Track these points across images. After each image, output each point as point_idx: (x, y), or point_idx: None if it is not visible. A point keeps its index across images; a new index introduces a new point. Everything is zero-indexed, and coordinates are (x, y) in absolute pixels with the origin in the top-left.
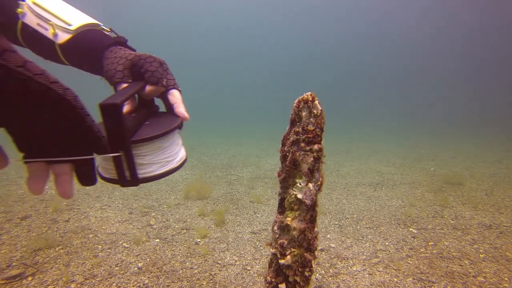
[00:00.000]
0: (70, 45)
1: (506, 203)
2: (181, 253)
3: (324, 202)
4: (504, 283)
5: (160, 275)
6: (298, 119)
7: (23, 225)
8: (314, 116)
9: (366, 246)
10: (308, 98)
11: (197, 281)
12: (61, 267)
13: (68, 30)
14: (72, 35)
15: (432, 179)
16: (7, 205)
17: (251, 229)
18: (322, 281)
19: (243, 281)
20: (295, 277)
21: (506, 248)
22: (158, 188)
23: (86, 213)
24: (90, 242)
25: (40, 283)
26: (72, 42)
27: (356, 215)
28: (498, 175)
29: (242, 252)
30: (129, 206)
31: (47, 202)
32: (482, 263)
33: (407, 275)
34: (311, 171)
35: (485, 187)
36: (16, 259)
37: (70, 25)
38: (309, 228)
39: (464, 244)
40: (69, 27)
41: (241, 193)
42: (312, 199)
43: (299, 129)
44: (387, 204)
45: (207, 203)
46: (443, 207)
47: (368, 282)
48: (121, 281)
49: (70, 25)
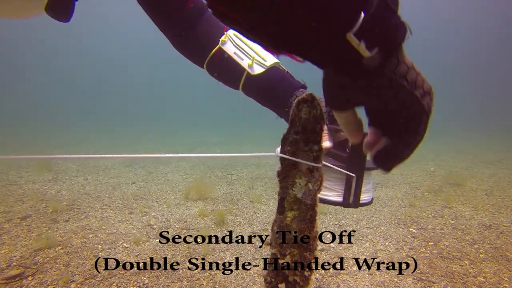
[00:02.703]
0: (259, 78)
1: (506, 203)
2: (181, 253)
3: None
4: (504, 283)
5: (160, 275)
6: (297, 119)
7: (23, 225)
8: (313, 116)
9: (366, 246)
10: (308, 98)
11: (197, 281)
12: (61, 267)
13: (263, 65)
14: (265, 70)
15: (432, 179)
16: (7, 205)
17: (251, 229)
18: (322, 281)
19: (243, 281)
20: (295, 277)
21: (506, 248)
22: (158, 188)
23: (86, 213)
24: (90, 242)
25: (40, 283)
26: (263, 76)
27: (356, 215)
28: (498, 175)
29: (242, 252)
30: (129, 206)
31: (47, 202)
32: (482, 263)
33: (407, 275)
34: (311, 171)
35: (485, 187)
36: (16, 259)
37: (265, 61)
38: (309, 228)
39: (464, 244)
40: (265, 63)
41: (241, 193)
42: (312, 199)
43: (299, 129)
44: (387, 204)
45: (207, 203)
46: (443, 207)
47: (368, 282)
48: (121, 281)
49: (265, 61)
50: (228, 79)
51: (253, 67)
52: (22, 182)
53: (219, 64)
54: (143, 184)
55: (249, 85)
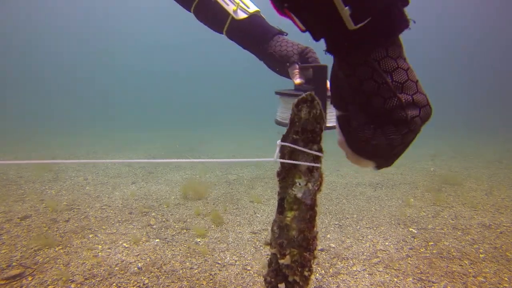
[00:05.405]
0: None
1: (506, 203)
2: (181, 253)
3: (324, 202)
4: (504, 283)
5: (160, 275)
6: (297, 119)
7: (23, 225)
8: (313, 116)
9: (366, 246)
10: (307, 98)
11: (197, 281)
12: (61, 267)
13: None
14: (247, 16)
15: (432, 179)
16: (7, 205)
17: (251, 229)
18: (322, 281)
19: (243, 281)
20: (295, 277)
21: (506, 248)
22: (158, 188)
23: (86, 213)
24: (90, 242)
25: (40, 283)
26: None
27: (356, 215)
28: (498, 175)
29: (242, 252)
30: (129, 206)
31: (47, 202)
32: (482, 263)
33: (407, 275)
34: (310, 170)
35: (485, 187)
36: (16, 259)
37: (248, 8)
38: (308, 228)
39: (464, 244)
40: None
41: (241, 193)
42: (312, 199)
43: (299, 129)
44: (387, 204)
45: (207, 203)
46: (443, 207)
47: (368, 282)
48: (121, 281)
49: (248, 8)
50: (213, 23)
51: (237, 12)
52: (22, 182)
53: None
54: (143, 184)
55: (233, 29)
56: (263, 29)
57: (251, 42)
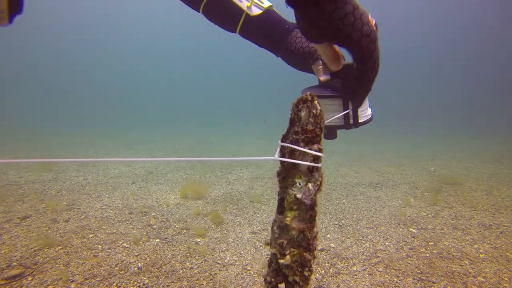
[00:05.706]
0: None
1: (506, 203)
2: (181, 253)
3: (324, 202)
4: (504, 283)
5: (160, 275)
6: (297, 119)
7: (23, 225)
8: (313, 116)
9: (366, 246)
10: (307, 98)
11: (197, 281)
12: (61, 267)
13: (260, 7)
14: (262, 11)
15: (432, 179)
16: (7, 205)
17: (251, 229)
18: (322, 281)
19: (243, 281)
20: (295, 277)
21: (506, 248)
22: (158, 188)
23: (86, 213)
24: (90, 242)
25: (40, 283)
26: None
27: (356, 215)
28: (498, 175)
29: (242, 252)
30: (129, 206)
31: (47, 202)
32: (482, 263)
33: (407, 275)
34: (310, 171)
35: (485, 187)
36: (16, 259)
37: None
38: (308, 228)
39: (464, 244)
40: (262, 5)
41: (241, 193)
42: (312, 199)
43: (298, 129)
44: (387, 204)
45: (207, 203)
46: (443, 207)
47: (368, 282)
48: (121, 281)
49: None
50: (225, 21)
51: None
52: (22, 182)
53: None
54: (143, 184)
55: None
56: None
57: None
